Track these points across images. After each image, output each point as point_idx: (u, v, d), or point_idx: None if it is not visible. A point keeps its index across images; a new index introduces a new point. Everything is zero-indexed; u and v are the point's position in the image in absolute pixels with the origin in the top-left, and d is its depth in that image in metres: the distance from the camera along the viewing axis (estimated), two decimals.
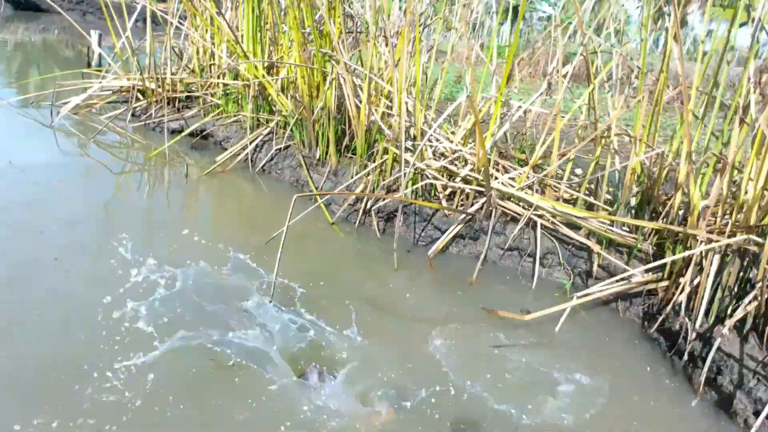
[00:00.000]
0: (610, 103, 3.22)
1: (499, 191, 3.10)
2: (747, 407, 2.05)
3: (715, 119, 2.53)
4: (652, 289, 2.68)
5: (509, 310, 2.69)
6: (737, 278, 2.28)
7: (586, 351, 2.48)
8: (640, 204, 2.92)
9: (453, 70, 6.68)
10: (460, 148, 3.35)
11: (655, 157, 2.79)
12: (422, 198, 3.44)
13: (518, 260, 3.19)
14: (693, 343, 2.34)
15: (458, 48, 10.81)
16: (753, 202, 2.16)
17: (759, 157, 2.16)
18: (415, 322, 2.56)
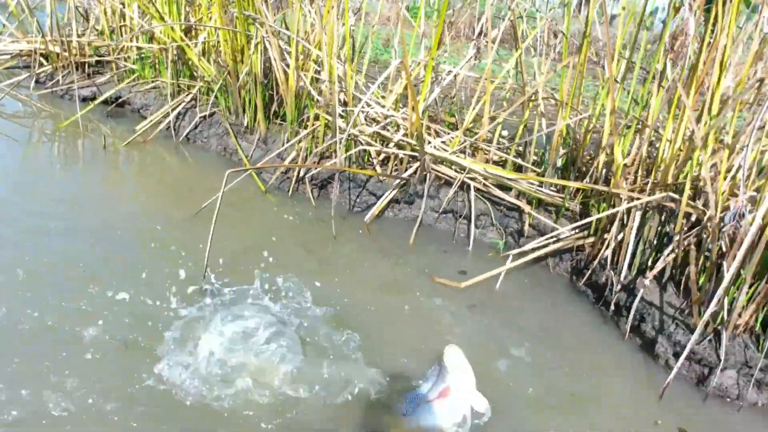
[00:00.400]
0: (537, 68, 3.31)
1: (432, 155, 3.14)
2: (668, 350, 2.24)
3: (635, 83, 2.66)
4: (580, 246, 2.83)
5: (447, 272, 2.77)
6: (657, 233, 2.45)
7: (521, 307, 2.60)
8: (566, 165, 3.05)
9: (380, 33, 6.58)
10: (392, 113, 3.34)
11: (580, 120, 2.91)
12: (356, 165, 3.42)
13: (453, 222, 3.27)
14: (618, 294, 2.51)
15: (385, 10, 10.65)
16: (670, 162, 2.31)
17: (675, 120, 2.30)
18: (358, 288, 2.58)
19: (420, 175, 3.23)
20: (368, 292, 2.55)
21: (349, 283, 2.60)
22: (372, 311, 2.41)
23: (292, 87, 3.52)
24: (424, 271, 2.77)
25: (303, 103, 3.66)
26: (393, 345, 2.21)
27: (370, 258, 2.87)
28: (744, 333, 2.14)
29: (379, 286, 2.62)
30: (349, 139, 3.37)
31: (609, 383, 2.16)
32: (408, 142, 3.24)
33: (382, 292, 2.58)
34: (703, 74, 2.21)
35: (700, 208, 2.25)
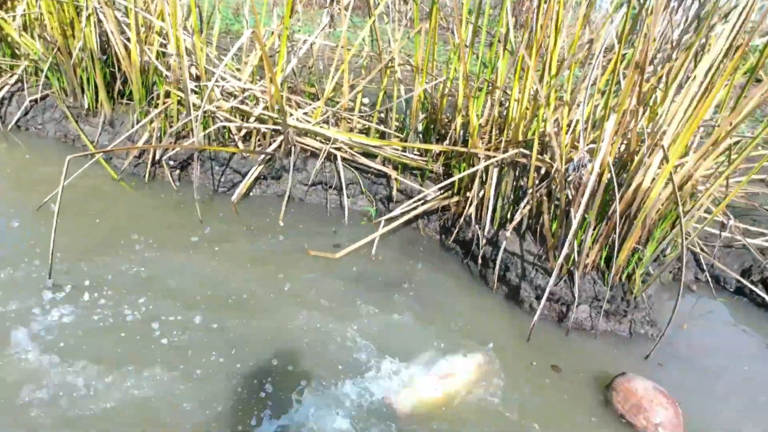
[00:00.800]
0: (391, 35, 3.33)
1: (295, 128, 3.07)
2: (530, 294, 2.43)
3: (483, 47, 2.77)
4: (446, 206, 2.95)
5: (322, 244, 2.76)
6: (513, 187, 2.62)
7: (395, 269, 2.67)
8: (427, 129, 3.13)
9: (229, 2, 6.24)
10: (250, 87, 3.21)
11: (436, 85, 2.99)
12: (217, 142, 3.25)
13: (324, 194, 3.25)
14: (484, 248, 2.66)
15: None
16: (519, 120, 2.46)
17: (521, 81, 2.44)
18: (231, 268, 2.48)
19: (285, 148, 3.15)
20: (241, 273, 2.46)
21: (220, 266, 2.50)
22: (248, 292, 2.34)
23: (135, 63, 3.23)
24: (298, 246, 2.73)
25: (151, 79, 3.39)
26: (273, 323, 2.17)
27: (240, 238, 2.77)
28: (592, 271, 2.38)
29: (253, 266, 2.54)
30: (206, 116, 3.19)
31: (482, 333, 2.29)
32: (269, 115, 3.13)
33: (257, 271, 2.51)
34: (541, 37, 2.36)
35: (548, 161, 2.43)
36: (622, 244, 2.27)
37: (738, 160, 2.21)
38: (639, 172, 2.19)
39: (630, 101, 2.18)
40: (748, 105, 2.14)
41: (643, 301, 2.40)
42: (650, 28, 2.07)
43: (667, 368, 2.24)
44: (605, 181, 2.21)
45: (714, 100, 2.12)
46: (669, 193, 2.20)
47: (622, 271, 2.37)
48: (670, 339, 2.36)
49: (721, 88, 2.12)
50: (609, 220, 2.27)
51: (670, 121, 2.19)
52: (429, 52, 2.93)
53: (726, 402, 2.13)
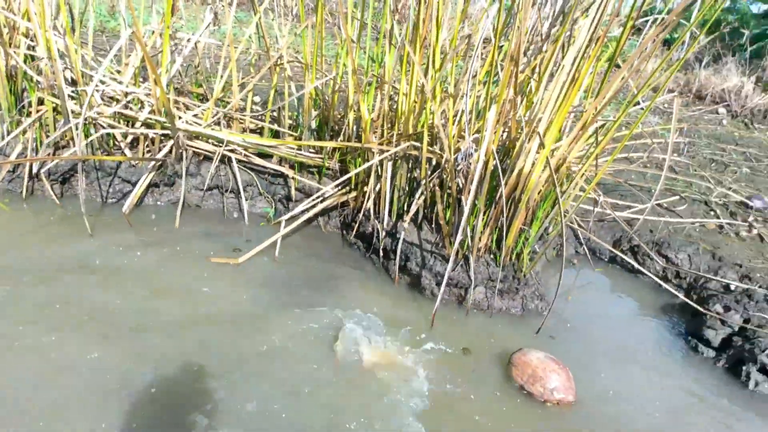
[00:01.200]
0: (278, 31, 3.31)
1: (186, 131, 2.98)
2: (431, 281, 2.53)
3: (370, 42, 2.83)
4: (345, 201, 3.00)
5: (222, 250, 2.71)
6: (407, 179, 2.71)
7: (299, 268, 2.68)
8: (320, 126, 3.16)
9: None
10: (133, 90, 3.07)
11: (326, 81, 3.01)
12: (101, 151, 3.08)
13: (221, 198, 3.19)
14: (384, 240, 2.74)
15: None
16: (408, 114, 2.55)
17: (407, 75, 2.53)
18: (126, 284, 2.38)
19: (176, 153, 3.05)
20: (137, 289, 2.37)
21: (113, 284, 2.38)
22: (147, 309, 2.26)
23: (0, 68, 2.98)
24: (197, 254, 2.66)
25: (20, 86, 3.14)
26: (175, 342, 2.12)
27: (134, 251, 2.65)
28: (485, 254, 2.52)
29: (150, 279, 2.45)
30: (87, 123, 3.01)
31: (390, 322, 2.37)
32: (156, 119, 3.02)
33: (155, 284, 2.42)
34: (424, 31, 2.46)
35: (438, 152, 2.55)
36: (510, 227, 2.43)
37: (604, 141, 2.43)
38: (520, 158, 2.36)
39: (508, 91, 2.33)
40: (609, 90, 2.36)
41: (532, 277, 2.59)
42: (521, 22, 2.22)
43: (558, 339, 2.43)
44: (491, 168, 2.35)
45: (581, 88, 2.32)
46: (547, 176, 2.38)
47: (511, 251, 2.54)
48: (559, 311, 2.56)
49: (585, 76, 2.32)
50: (497, 204, 2.42)
51: (544, 109, 2.37)
52: (317, 48, 2.95)
53: (607, 361, 2.35)
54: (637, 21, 2.70)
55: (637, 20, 2.59)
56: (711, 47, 8.19)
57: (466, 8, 2.50)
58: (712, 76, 7.24)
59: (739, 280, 2.76)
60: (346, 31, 2.53)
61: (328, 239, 3.00)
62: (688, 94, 7.18)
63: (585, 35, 2.33)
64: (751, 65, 7.41)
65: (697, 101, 7.03)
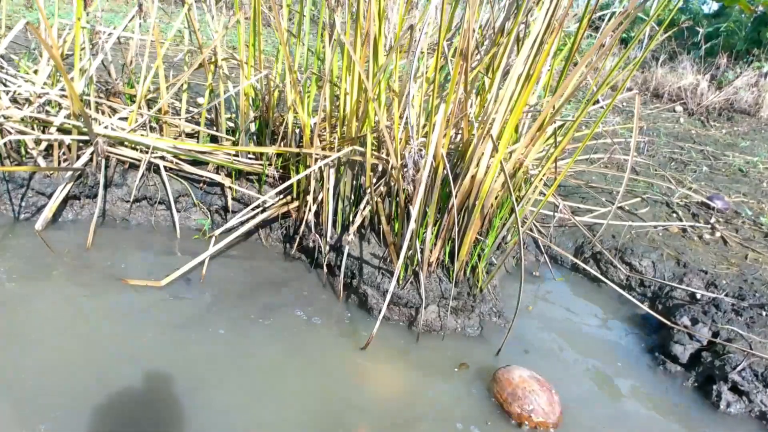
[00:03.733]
0: (212, 25, 3.03)
1: (106, 137, 2.67)
2: (379, 301, 2.30)
3: (309, 36, 2.59)
4: (286, 212, 2.74)
5: (146, 270, 2.42)
6: (352, 187, 2.47)
7: (233, 287, 2.41)
8: (260, 129, 2.89)
9: None
10: (47, 91, 2.74)
11: (264, 79, 2.75)
12: (10, 159, 2.74)
13: (150, 210, 2.88)
14: (329, 254, 2.49)
15: None
16: (351, 115, 2.31)
17: (350, 72, 2.29)
18: (29, 317, 2.06)
19: (96, 161, 2.74)
20: (42, 322, 2.06)
21: (14, 317, 2.06)
22: (51, 346, 1.95)
23: None
24: (116, 275, 2.36)
25: None
26: (84, 385, 1.82)
27: (43, 275, 2.33)
28: (437, 269, 2.30)
29: (57, 309, 2.14)
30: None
31: (329, 352, 2.13)
32: (74, 124, 2.70)
33: (63, 314, 2.12)
34: (367, 25, 2.22)
35: (384, 157, 2.32)
36: (463, 238, 2.21)
37: (563, 142, 2.24)
38: (473, 163, 2.14)
39: (458, 90, 2.11)
40: (567, 87, 2.17)
41: (489, 292, 2.38)
42: (471, 14, 2.01)
43: (532, 354, 2.24)
44: (441, 174, 2.13)
45: (534, 85, 2.12)
46: (503, 181, 2.17)
47: (466, 265, 2.33)
48: (524, 324, 2.37)
49: (541, 72, 2.13)
50: (449, 214, 2.20)
51: (498, 109, 2.16)
52: (254, 44, 2.68)
53: (571, 380, 2.16)
54: (594, 16, 2.53)
55: (594, 15, 2.41)
56: (666, 46, 8.22)
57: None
58: (668, 74, 7.24)
59: (705, 288, 2.61)
60: (278, 22, 2.27)
61: (268, 253, 2.73)
62: (646, 92, 7.15)
63: (539, 28, 2.13)
64: (705, 63, 7.45)
65: (654, 99, 7.00)
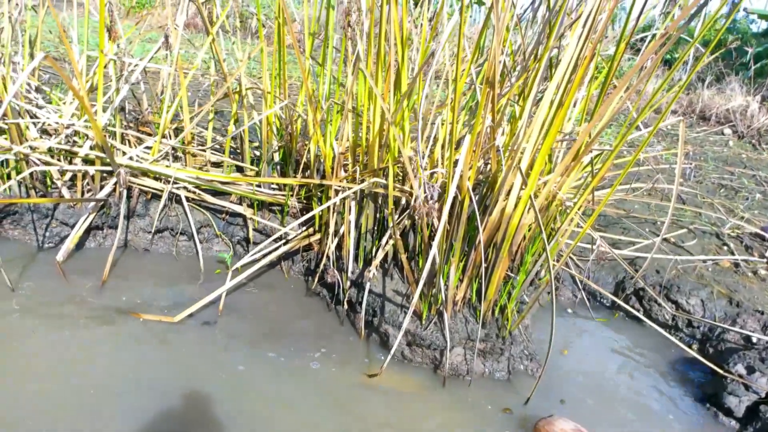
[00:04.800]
0: (238, 54, 3.00)
1: (128, 167, 2.65)
2: (402, 342, 2.16)
3: (332, 64, 2.51)
4: (308, 244, 2.64)
5: (163, 304, 2.36)
6: (375, 220, 2.36)
7: (253, 326, 2.31)
8: (284, 158, 2.82)
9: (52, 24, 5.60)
10: (72, 122, 2.74)
11: (283, 108, 2.69)
12: (35, 190, 2.75)
13: (172, 241, 2.84)
14: (350, 290, 2.37)
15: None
16: (373, 145, 2.21)
17: (371, 101, 2.19)
18: (37, 354, 2.01)
19: (119, 192, 2.71)
20: (44, 352, 2.00)
21: (22, 355, 2.01)
22: (46, 378, 1.88)
23: None
24: (128, 309, 2.29)
25: None
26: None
27: (59, 308, 2.28)
28: (463, 308, 2.15)
29: (66, 347, 2.07)
30: (18, 160, 2.68)
31: (348, 393, 2.00)
32: (97, 155, 2.69)
33: (70, 351, 2.05)
34: (391, 51, 2.13)
35: (407, 189, 2.20)
36: (491, 276, 2.06)
37: (601, 172, 2.08)
38: (501, 196, 2.00)
39: (485, 118, 1.99)
40: (605, 113, 2.02)
41: (520, 333, 2.21)
42: (496, 44, 1.89)
43: (569, 404, 2.06)
44: (467, 207, 2.00)
45: (567, 111, 1.98)
46: (534, 216, 2.02)
47: (494, 304, 2.17)
48: (559, 369, 2.19)
49: (573, 98, 1.98)
50: (476, 250, 2.06)
51: (528, 138, 2.02)
52: (278, 73, 2.63)
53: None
54: (633, 38, 2.38)
55: (633, 37, 2.26)
56: (713, 66, 7.91)
57: (435, 24, 2.18)
58: (715, 95, 6.93)
59: (762, 330, 2.38)
60: (296, 48, 2.20)
61: (289, 287, 2.63)
62: (692, 115, 6.85)
63: (572, 53, 2.00)
64: (755, 84, 7.11)
65: (701, 122, 6.70)
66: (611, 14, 2.03)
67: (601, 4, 1.84)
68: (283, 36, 2.55)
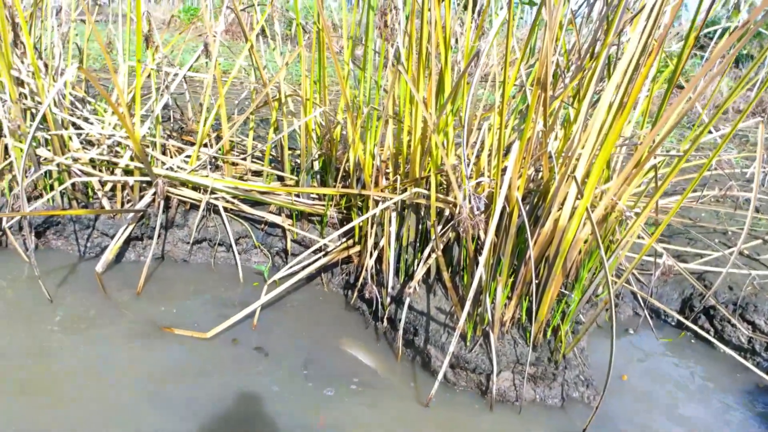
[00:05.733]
0: (278, 61, 2.93)
1: (166, 177, 2.60)
2: (443, 363, 2.00)
3: (371, 68, 2.40)
4: (348, 257, 2.53)
5: (198, 318, 2.29)
6: (417, 232, 2.22)
7: (289, 341, 2.21)
8: (324, 167, 2.72)
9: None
10: (113, 133, 2.73)
11: (321, 114, 2.59)
12: (77, 201, 2.74)
13: (210, 252, 2.78)
14: (389, 306, 2.24)
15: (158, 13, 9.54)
16: (415, 153, 2.07)
17: (413, 105, 2.06)
18: (73, 370, 1.97)
19: (158, 203, 2.68)
20: (76, 367, 1.95)
21: (58, 372, 1.97)
22: (76, 394, 1.83)
23: None
24: (161, 323, 2.23)
25: None
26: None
27: (92, 319, 2.25)
28: (512, 329, 1.99)
29: (98, 363, 2.02)
30: (61, 171, 2.69)
31: (387, 417, 1.86)
32: (136, 166, 2.66)
33: (96, 362, 2.00)
34: (432, 53, 1.99)
35: (451, 200, 2.05)
36: (543, 294, 1.89)
37: (666, 182, 1.87)
38: (554, 207, 1.83)
39: (536, 123, 1.82)
40: (670, 118, 1.82)
41: (575, 357, 2.02)
42: (548, 42, 1.72)
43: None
44: (516, 220, 1.83)
45: (628, 114, 1.79)
46: (591, 230, 1.84)
47: (546, 325, 1.99)
48: (618, 396, 1.99)
49: (634, 100, 1.79)
50: (526, 266, 1.89)
51: (584, 144, 1.84)
52: (318, 79, 2.54)
53: None
54: (702, 32, 2.15)
55: (702, 31, 2.05)
56: None
57: (481, 24, 2.02)
58: None
59: None
60: (334, 56, 2.09)
61: (328, 301, 2.52)
62: (762, 114, 6.40)
63: (633, 50, 1.81)
64: None
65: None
66: (678, 6, 1.83)
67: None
68: (323, 41, 2.45)
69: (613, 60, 2.10)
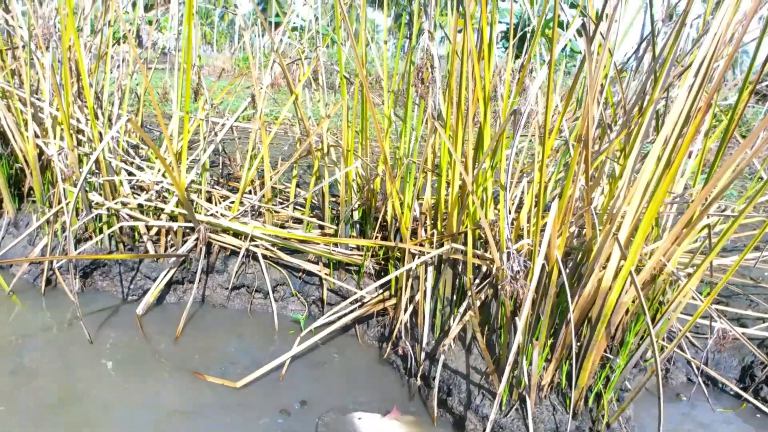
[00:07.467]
0: (322, 111, 2.99)
1: (208, 223, 2.65)
2: (477, 426, 1.91)
3: (411, 120, 2.40)
4: (384, 308, 2.48)
5: (232, 365, 2.27)
6: (453, 287, 2.16)
7: (324, 392, 2.15)
8: (364, 217, 2.71)
9: (155, 84, 5.93)
10: (160, 179, 2.82)
11: (362, 166, 2.60)
12: (123, 244, 2.83)
13: (248, 298, 2.79)
14: (423, 363, 2.17)
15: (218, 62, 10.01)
16: (452, 208, 2.04)
17: (451, 159, 2.04)
18: (103, 416, 1.98)
19: (199, 248, 2.72)
20: (109, 410, 1.96)
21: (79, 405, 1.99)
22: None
23: (33, 156, 2.87)
24: (194, 369, 2.22)
25: (55, 176, 3.01)
26: None
27: (127, 362, 2.27)
28: (550, 393, 1.88)
29: (132, 405, 2.03)
30: (111, 215, 2.78)
31: None
32: (180, 212, 2.73)
33: (137, 412, 2.01)
34: (471, 110, 1.98)
35: (488, 257, 1.99)
36: (584, 359, 1.78)
37: (718, 245, 1.76)
38: (597, 267, 1.75)
39: (577, 181, 1.76)
40: (724, 174, 1.73)
41: (620, 426, 1.89)
42: (589, 101, 1.68)
43: None
44: (555, 280, 1.75)
45: (677, 171, 1.71)
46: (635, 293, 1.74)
47: (588, 391, 1.87)
48: None
49: (684, 156, 1.71)
50: (566, 328, 1.80)
51: (630, 200, 1.76)
52: (362, 129, 2.56)
53: None
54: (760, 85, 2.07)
55: (760, 83, 1.96)
56: None
57: (522, 78, 2.00)
58: None
59: None
60: (374, 114, 2.11)
61: (361, 354, 2.47)
62: None
63: (681, 104, 1.74)
64: None
65: None
66: (730, 62, 1.76)
67: (717, 52, 1.58)
68: (366, 93, 2.49)
69: (661, 115, 2.03)
